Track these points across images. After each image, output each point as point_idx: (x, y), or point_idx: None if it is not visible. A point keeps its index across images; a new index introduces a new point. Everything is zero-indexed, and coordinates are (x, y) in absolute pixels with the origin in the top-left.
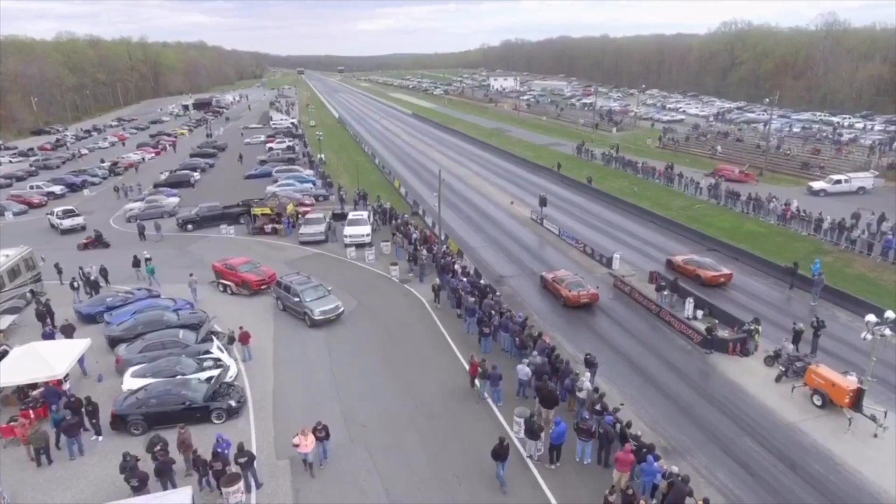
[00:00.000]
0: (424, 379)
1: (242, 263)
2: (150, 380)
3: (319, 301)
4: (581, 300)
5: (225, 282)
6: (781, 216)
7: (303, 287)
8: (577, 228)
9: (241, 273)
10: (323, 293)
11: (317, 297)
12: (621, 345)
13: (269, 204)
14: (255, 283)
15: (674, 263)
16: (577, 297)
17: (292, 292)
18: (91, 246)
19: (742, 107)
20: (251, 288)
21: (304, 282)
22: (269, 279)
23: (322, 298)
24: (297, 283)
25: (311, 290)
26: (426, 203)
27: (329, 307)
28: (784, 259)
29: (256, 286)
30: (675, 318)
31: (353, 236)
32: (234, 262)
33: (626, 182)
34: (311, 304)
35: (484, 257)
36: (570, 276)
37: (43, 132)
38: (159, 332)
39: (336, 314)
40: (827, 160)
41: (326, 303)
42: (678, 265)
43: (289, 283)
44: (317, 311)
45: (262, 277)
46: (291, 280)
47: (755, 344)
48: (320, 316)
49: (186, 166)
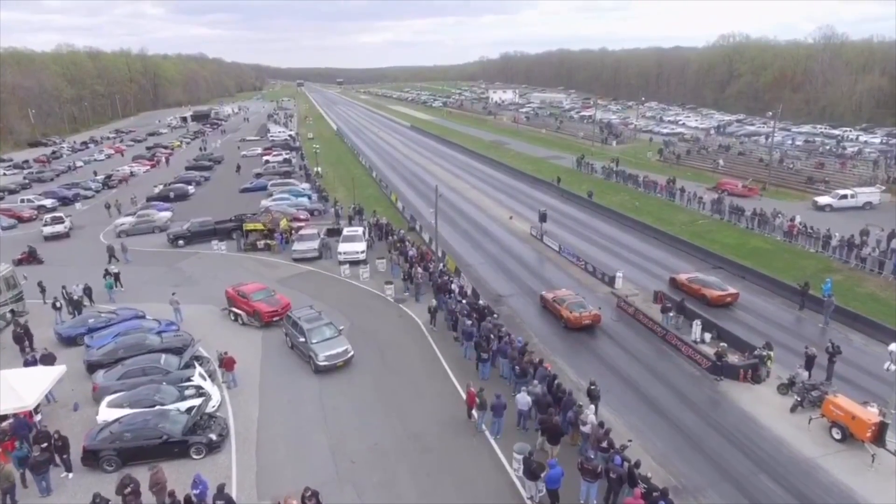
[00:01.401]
0: (418, 408)
1: (256, 291)
2: (127, 410)
3: (326, 344)
4: (583, 322)
5: (236, 310)
6: (788, 232)
7: (311, 326)
8: (577, 245)
9: (253, 302)
10: (332, 334)
11: (324, 339)
12: (625, 370)
13: (261, 219)
14: (266, 315)
15: (678, 282)
16: (578, 319)
17: (299, 330)
18: (25, 262)
19: (741, 119)
20: (262, 319)
21: (314, 318)
22: (282, 310)
23: (330, 341)
24: (305, 320)
25: (320, 329)
26: (423, 218)
27: (336, 351)
28: (792, 277)
29: (268, 318)
30: (683, 341)
31: (347, 253)
32: (248, 288)
33: (628, 196)
34: (316, 347)
35: (482, 275)
36: (572, 295)
37: (40, 144)
38: (140, 358)
39: (344, 360)
40: (831, 174)
41: (334, 346)
42: (682, 284)
43: (297, 319)
44: (321, 355)
45: (275, 308)
46: (300, 316)
47: (767, 370)
48: (324, 361)
49: (181, 179)
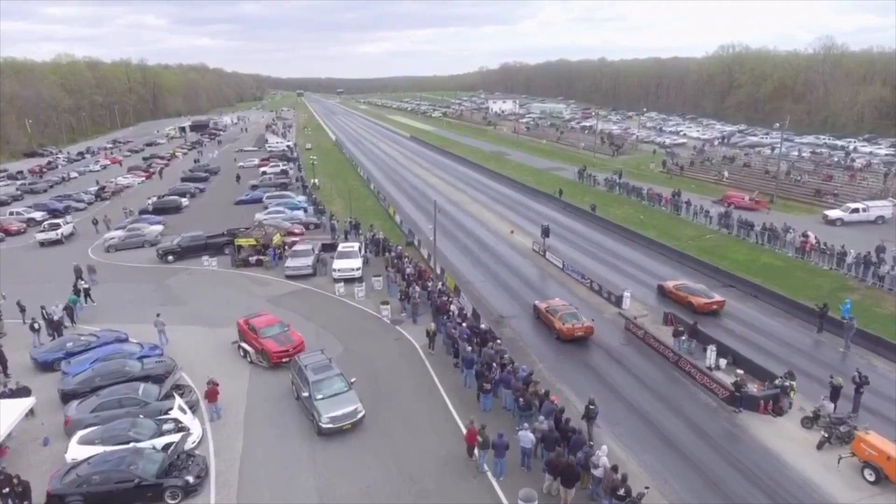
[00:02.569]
0: (415, 444)
1: (267, 325)
2: (99, 448)
3: (333, 402)
4: (575, 333)
5: (245, 346)
6: (800, 248)
7: (317, 377)
8: (581, 261)
9: (262, 338)
10: (341, 388)
11: (331, 395)
12: (636, 399)
13: (253, 234)
14: (274, 355)
15: (665, 289)
16: (571, 331)
17: (303, 379)
18: None
19: (743, 130)
20: (270, 360)
21: (321, 367)
22: (294, 350)
23: (337, 398)
24: (311, 369)
25: (327, 382)
26: (422, 232)
27: (343, 412)
28: (807, 296)
29: (277, 358)
30: (697, 368)
31: (342, 270)
32: (259, 321)
33: (632, 210)
34: (321, 405)
35: (483, 294)
36: (565, 306)
37: (36, 154)
38: (117, 388)
39: (351, 422)
40: (840, 187)
41: (341, 404)
42: (670, 291)
43: (302, 366)
44: (325, 416)
45: (285, 348)
46: (307, 363)
47: (790, 401)
48: (328, 424)
49: (175, 191)
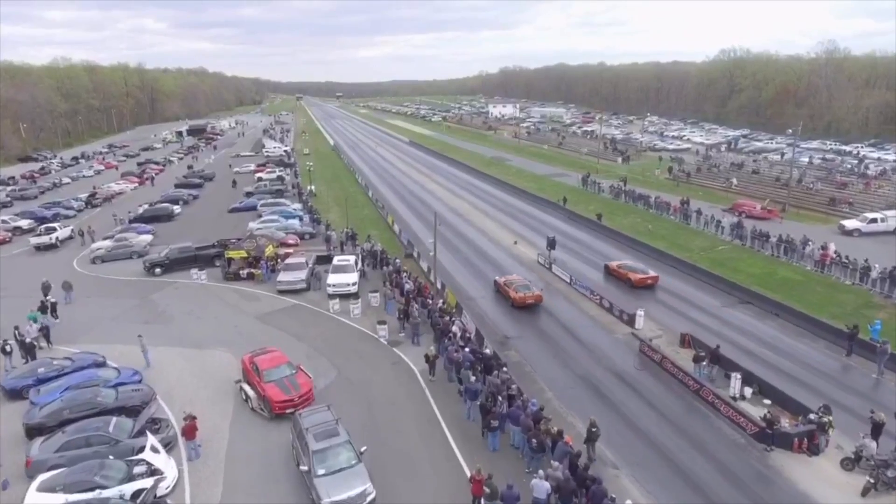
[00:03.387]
0: (413, 490)
1: (271, 367)
2: (61, 497)
3: (336, 480)
4: (526, 301)
5: (247, 388)
6: (819, 262)
7: (319, 445)
8: (588, 274)
9: (264, 383)
10: (348, 461)
11: (335, 471)
12: (655, 434)
13: (245, 246)
14: (276, 405)
15: (610, 268)
16: (522, 299)
17: (304, 445)
18: None
19: (747, 135)
20: (271, 410)
21: (326, 433)
22: (300, 400)
23: (343, 473)
24: (314, 434)
25: (332, 453)
26: (421, 243)
27: (348, 495)
28: (829, 314)
29: (279, 409)
30: (721, 399)
31: (337, 286)
32: (263, 360)
33: (639, 218)
34: (321, 484)
35: (485, 311)
36: (519, 280)
37: (30, 159)
38: (85, 423)
39: None
40: (854, 195)
41: (347, 484)
42: (613, 269)
43: (304, 428)
44: (325, 499)
45: (290, 396)
46: (308, 425)
47: (826, 439)
48: None
49: (168, 198)
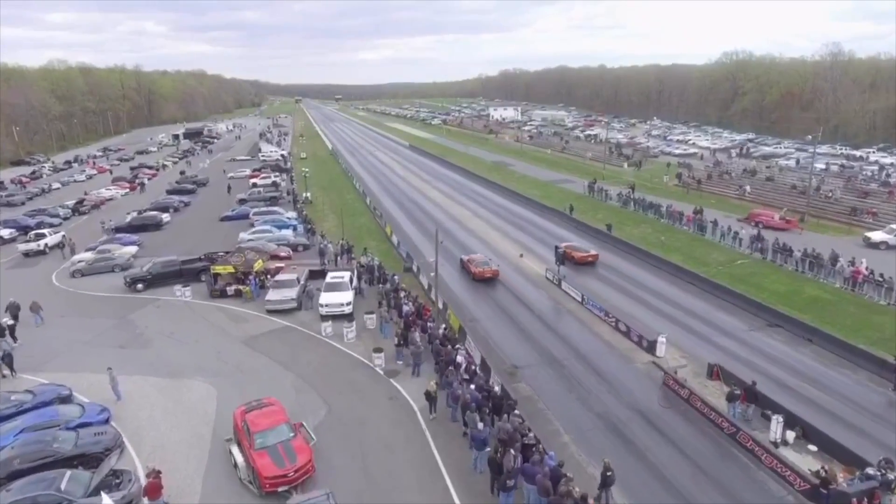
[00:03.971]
0: None
1: (267, 426)
2: None
3: None
4: (485, 275)
5: (237, 452)
6: (850, 279)
7: None
8: (600, 291)
9: (254, 449)
10: None
11: None
12: (685, 485)
13: (232, 261)
14: (267, 482)
15: (559, 248)
16: (481, 273)
17: None
18: None
19: (752, 139)
20: (261, 487)
21: None
22: (295, 475)
23: None
24: None
25: None
26: (421, 256)
27: None
28: (866, 338)
29: (270, 486)
30: (763, 448)
31: (330, 306)
32: (256, 417)
33: (650, 229)
34: None
35: (491, 334)
36: (481, 258)
37: (23, 162)
38: (33, 479)
39: None
40: (877, 205)
41: None
42: (564, 250)
43: None
44: None
45: (283, 472)
46: None
47: (891, 500)
48: None
49: (157, 206)
